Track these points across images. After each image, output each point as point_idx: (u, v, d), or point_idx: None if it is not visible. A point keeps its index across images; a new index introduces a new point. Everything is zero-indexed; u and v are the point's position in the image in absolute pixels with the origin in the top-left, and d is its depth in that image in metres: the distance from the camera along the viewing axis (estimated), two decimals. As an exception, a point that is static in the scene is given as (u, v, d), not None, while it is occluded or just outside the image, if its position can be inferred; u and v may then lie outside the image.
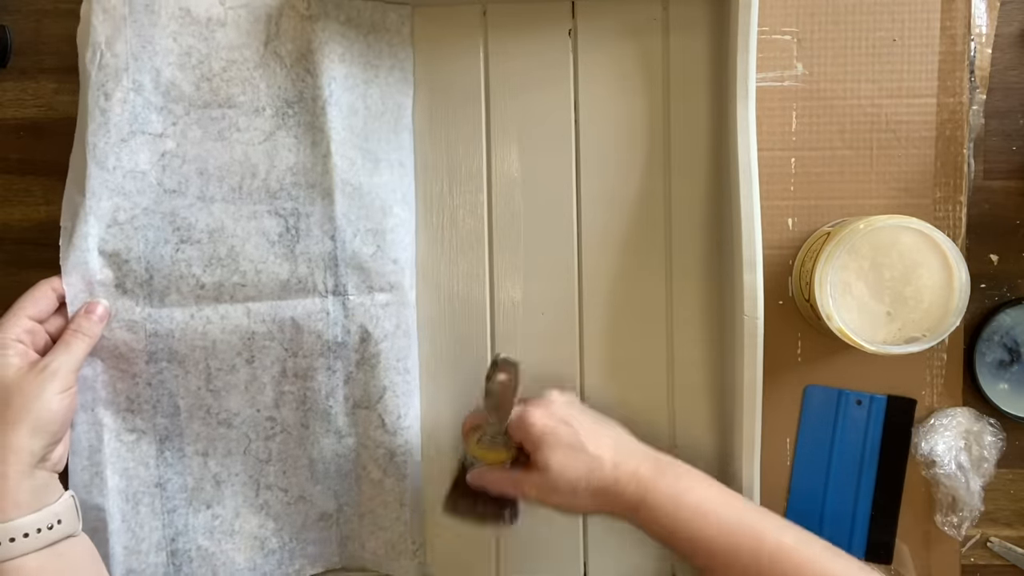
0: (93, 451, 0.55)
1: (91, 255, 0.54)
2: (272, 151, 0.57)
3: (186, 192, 0.56)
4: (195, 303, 0.56)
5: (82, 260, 0.54)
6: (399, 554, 0.60)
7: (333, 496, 0.60)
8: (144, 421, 0.56)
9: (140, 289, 0.55)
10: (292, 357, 0.57)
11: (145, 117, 0.55)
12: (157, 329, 0.55)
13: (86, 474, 0.55)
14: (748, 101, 0.54)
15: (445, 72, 0.60)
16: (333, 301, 0.57)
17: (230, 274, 0.56)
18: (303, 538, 0.60)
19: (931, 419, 0.59)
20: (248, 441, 0.58)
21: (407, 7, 0.59)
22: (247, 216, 0.57)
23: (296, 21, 0.56)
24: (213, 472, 0.58)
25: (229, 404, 0.57)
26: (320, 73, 0.56)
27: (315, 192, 0.57)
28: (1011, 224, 0.60)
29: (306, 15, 0.56)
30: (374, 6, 0.58)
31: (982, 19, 0.59)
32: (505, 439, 0.53)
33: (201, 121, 0.56)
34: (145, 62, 0.55)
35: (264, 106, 0.57)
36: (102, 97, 0.54)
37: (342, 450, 0.59)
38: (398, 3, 0.58)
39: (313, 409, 0.58)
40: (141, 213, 0.55)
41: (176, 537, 0.57)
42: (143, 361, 0.56)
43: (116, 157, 0.55)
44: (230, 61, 0.56)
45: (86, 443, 0.55)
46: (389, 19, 0.58)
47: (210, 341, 0.56)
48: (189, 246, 0.56)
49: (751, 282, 0.54)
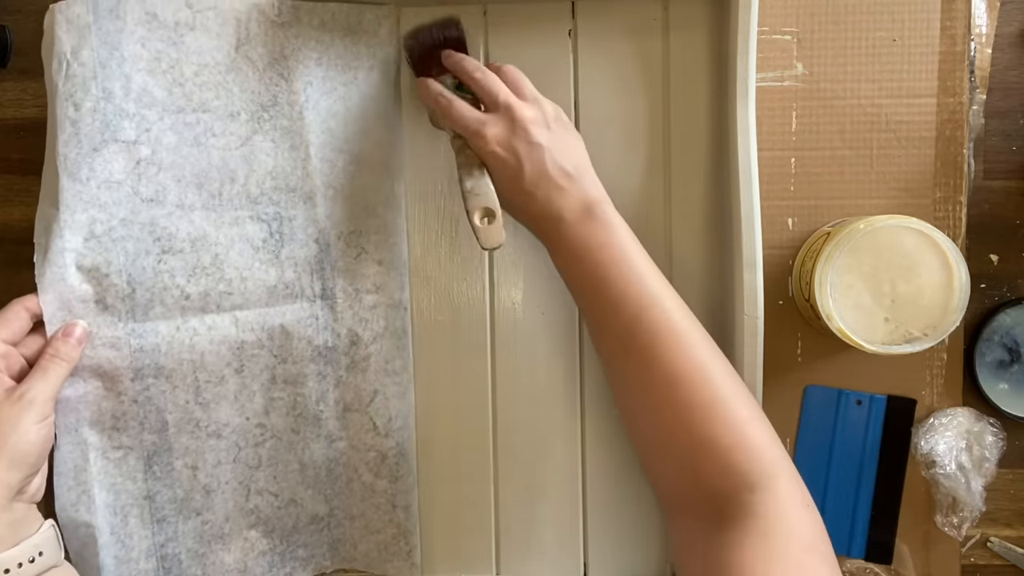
0: (79, 471, 0.53)
1: (68, 271, 0.52)
2: (250, 156, 0.56)
3: (164, 200, 0.54)
4: (180, 315, 0.55)
5: (59, 276, 0.52)
6: (392, 555, 0.60)
7: (324, 499, 0.59)
8: (131, 438, 0.55)
9: (122, 304, 0.53)
10: (282, 364, 0.57)
11: (117, 124, 0.53)
12: (142, 344, 0.54)
13: (72, 494, 0.53)
14: (748, 101, 0.54)
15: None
16: (321, 305, 0.57)
17: (215, 283, 0.55)
18: (293, 540, 0.59)
19: (931, 419, 0.59)
20: (238, 450, 0.57)
21: (384, 7, 0.58)
22: (229, 223, 0.55)
23: (266, 26, 0.55)
24: (203, 483, 0.57)
25: (218, 416, 0.56)
26: (295, 78, 0.56)
27: (296, 196, 0.56)
28: (1011, 224, 0.60)
29: (277, 21, 0.56)
30: (349, 8, 0.57)
31: (982, 19, 0.59)
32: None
33: (175, 126, 0.54)
34: (114, 69, 0.53)
35: (239, 110, 0.55)
36: (71, 107, 0.52)
37: (333, 454, 0.59)
38: (381, 3, 0.58)
39: (303, 414, 0.58)
40: (119, 224, 0.53)
41: (166, 543, 0.56)
42: (128, 378, 0.54)
43: (89, 167, 0.52)
44: (201, 65, 0.55)
45: (71, 463, 0.53)
46: (365, 20, 0.58)
47: (198, 353, 0.55)
48: (171, 256, 0.54)
49: (751, 282, 0.54)
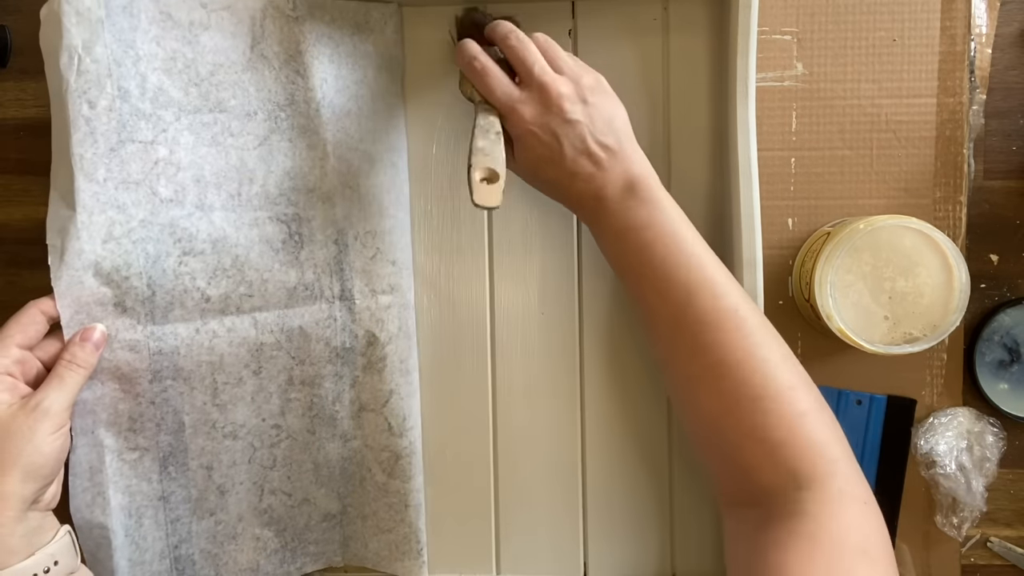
0: (94, 472, 0.53)
1: (86, 274, 0.51)
2: (268, 156, 0.55)
3: (184, 201, 0.53)
4: (200, 317, 0.54)
5: (77, 280, 0.51)
6: (403, 555, 0.60)
7: (337, 498, 0.60)
8: (147, 439, 0.54)
9: (141, 307, 0.53)
10: (299, 365, 0.57)
11: (134, 125, 0.52)
12: (161, 347, 0.53)
13: (88, 495, 0.53)
14: (748, 101, 0.54)
15: (446, 72, 0.60)
16: (340, 306, 0.57)
17: (236, 285, 0.55)
18: (305, 538, 0.60)
19: (931, 419, 0.59)
20: (253, 450, 0.57)
21: (390, 6, 0.58)
22: (248, 224, 0.55)
23: (281, 22, 0.55)
24: (217, 483, 0.57)
25: (235, 417, 0.56)
26: (311, 75, 0.55)
27: (314, 196, 0.56)
28: (1011, 224, 0.60)
29: (292, 16, 0.55)
30: (356, 6, 0.57)
31: (982, 19, 0.59)
32: None
33: (193, 127, 0.54)
34: (129, 68, 0.52)
35: (256, 110, 0.55)
36: (85, 105, 0.50)
37: (347, 453, 0.59)
38: (383, 1, 0.58)
39: (319, 415, 0.58)
40: (138, 226, 0.52)
41: (179, 544, 0.56)
42: (147, 381, 0.53)
43: (106, 168, 0.51)
44: (217, 65, 0.54)
45: (87, 464, 0.53)
46: (372, 19, 0.58)
47: (217, 355, 0.55)
48: (192, 258, 0.53)
49: (751, 282, 0.54)
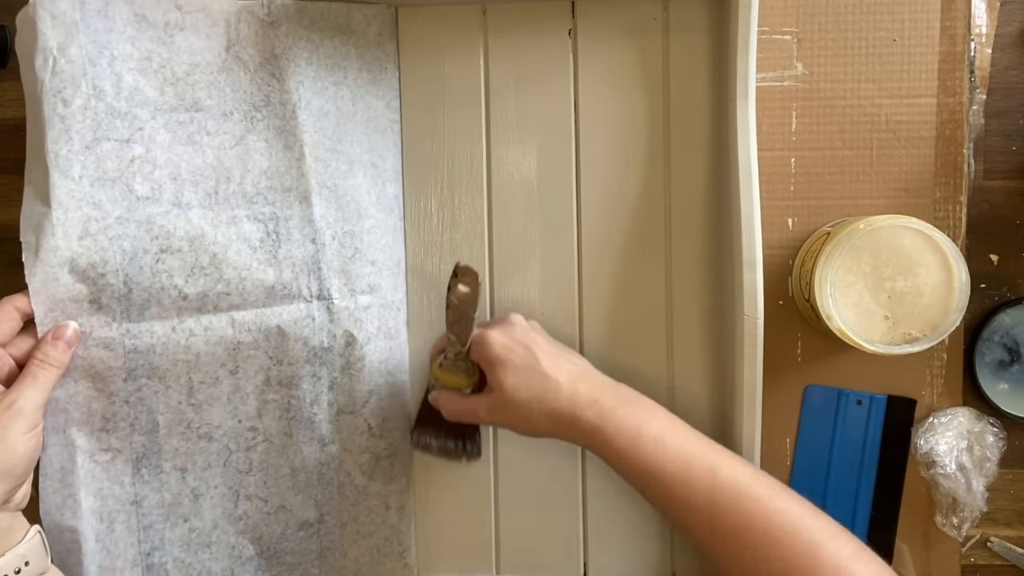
0: (66, 473, 0.52)
1: (61, 270, 0.51)
2: (244, 155, 0.55)
3: (160, 199, 0.53)
4: (177, 315, 0.54)
5: (52, 276, 0.51)
6: (384, 557, 0.60)
7: (314, 505, 0.59)
8: (120, 440, 0.54)
9: (117, 304, 0.52)
10: (277, 365, 0.56)
11: (109, 123, 0.52)
12: (136, 345, 0.53)
13: (58, 496, 0.52)
14: (748, 101, 0.54)
15: (445, 72, 0.60)
16: (318, 306, 0.57)
17: (214, 283, 0.54)
18: (281, 548, 0.59)
19: (931, 419, 0.59)
20: (229, 453, 0.56)
21: (373, 7, 0.58)
22: (226, 222, 0.55)
23: (256, 27, 0.55)
24: (191, 487, 0.56)
25: (211, 417, 0.55)
26: (287, 77, 0.56)
27: (291, 196, 0.56)
28: (1011, 224, 0.60)
29: (266, 21, 0.55)
30: (338, 8, 0.57)
31: (982, 19, 0.59)
32: (467, 364, 0.53)
33: (169, 125, 0.54)
34: (104, 67, 0.52)
35: (232, 110, 0.55)
36: (59, 104, 0.51)
37: (325, 458, 0.58)
38: (372, 3, 0.58)
39: (297, 417, 0.57)
40: (115, 223, 0.52)
41: (152, 552, 0.55)
42: (121, 379, 0.53)
43: (82, 165, 0.51)
44: (192, 65, 0.54)
45: (58, 465, 0.52)
46: (354, 20, 0.58)
47: (193, 354, 0.54)
48: (170, 255, 0.53)
49: (751, 282, 0.54)
